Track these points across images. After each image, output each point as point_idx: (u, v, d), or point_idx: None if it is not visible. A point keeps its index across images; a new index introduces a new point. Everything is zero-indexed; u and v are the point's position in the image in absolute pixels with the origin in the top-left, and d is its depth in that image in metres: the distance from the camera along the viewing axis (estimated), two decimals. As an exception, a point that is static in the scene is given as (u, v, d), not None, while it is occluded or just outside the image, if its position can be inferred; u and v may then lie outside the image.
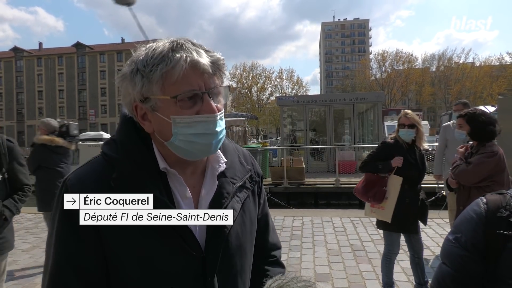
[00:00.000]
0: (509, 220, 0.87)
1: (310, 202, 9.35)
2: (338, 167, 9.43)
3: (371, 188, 3.08)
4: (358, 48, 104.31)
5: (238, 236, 0.83)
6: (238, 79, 53.35)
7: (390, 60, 56.09)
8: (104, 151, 0.78)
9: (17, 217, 6.74)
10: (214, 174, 0.83)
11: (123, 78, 0.75)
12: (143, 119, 0.77)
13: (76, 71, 58.70)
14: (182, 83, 0.71)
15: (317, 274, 3.73)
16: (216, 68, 0.75)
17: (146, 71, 0.71)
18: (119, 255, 0.72)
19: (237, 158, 0.91)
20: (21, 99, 60.52)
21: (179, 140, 0.74)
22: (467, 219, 0.95)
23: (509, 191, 0.94)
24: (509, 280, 0.84)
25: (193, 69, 0.72)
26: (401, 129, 3.07)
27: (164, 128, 0.75)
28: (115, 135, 0.81)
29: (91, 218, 0.72)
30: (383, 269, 3.18)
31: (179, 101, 0.72)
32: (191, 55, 0.71)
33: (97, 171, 0.76)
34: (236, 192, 0.84)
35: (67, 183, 0.74)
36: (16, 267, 4.20)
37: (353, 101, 12.08)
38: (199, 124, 0.73)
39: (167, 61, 0.70)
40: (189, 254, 0.75)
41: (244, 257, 0.86)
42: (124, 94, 0.77)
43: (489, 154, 2.70)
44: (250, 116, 20.28)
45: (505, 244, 0.85)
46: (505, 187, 2.62)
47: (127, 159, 0.75)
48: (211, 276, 0.77)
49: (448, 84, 53.01)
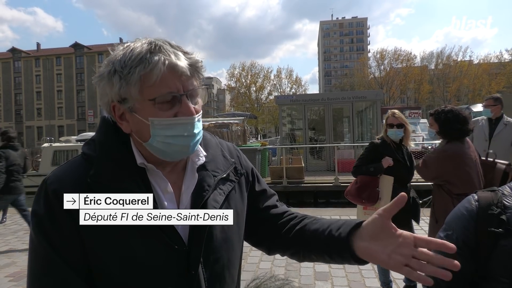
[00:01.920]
0: (500, 218, 0.86)
1: (309, 200, 9.36)
2: (337, 165, 9.43)
3: (365, 190, 3.05)
4: (357, 47, 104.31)
5: (223, 229, 0.83)
6: (236, 78, 53.34)
7: (389, 58, 56.16)
8: (83, 151, 0.80)
9: (16, 218, 6.75)
10: (194, 168, 0.83)
11: (101, 79, 0.75)
12: (121, 119, 0.78)
13: (75, 72, 58.60)
14: (160, 85, 0.72)
15: (317, 273, 3.73)
16: (194, 70, 0.76)
17: (124, 72, 0.71)
18: (99, 251, 0.72)
19: (219, 152, 0.91)
20: (19, 100, 60.40)
21: (157, 142, 0.75)
22: (458, 216, 0.94)
23: (501, 188, 0.94)
24: (501, 277, 0.84)
25: (171, 72, 0.72)
26: (390, 129, 3.07)
27: (142, 129, 0.75)
28: (95, 135, 0.82)
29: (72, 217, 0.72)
30: (379, 268, 3.19)
31: (157, 103, 0.72)
32: (169, 58, 0.71)
33: (75, 169, 0.76)
34: (219, 185, 0.85)
35: (47, 182, 0.74)
36: (16, 268, 4.19)
37: (352, 99, 12.08)
38: (177, 126, 0.74)
39: (145, 64, 0.70)
40: (171, 248, 0.74)
41: (231, 250, 0.85)
42: (101, 94, 0.77)
43: (436, 152, 2.70)
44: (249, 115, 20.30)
45: (496, 241, 0.85)
46: (466, 188, 2.49)
47: (104, 156, 0.76)
48: (194, 269, 0.76)
49: (446, 82, 53.06)
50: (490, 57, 53.55)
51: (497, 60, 51.68)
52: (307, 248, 0.87)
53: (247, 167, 0.98)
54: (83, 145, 0.81)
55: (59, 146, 15.59)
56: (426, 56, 57.46)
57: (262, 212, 0.96)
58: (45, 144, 15.94)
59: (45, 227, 0.72)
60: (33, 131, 59.21)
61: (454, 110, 2.75)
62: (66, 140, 17.39)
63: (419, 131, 17.79)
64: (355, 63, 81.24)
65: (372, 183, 3.05)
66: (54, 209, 0.72)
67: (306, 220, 0.91)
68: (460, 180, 2.59)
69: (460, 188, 2.55)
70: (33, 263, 0.73)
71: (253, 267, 3.85)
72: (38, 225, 0.72)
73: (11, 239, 5.44)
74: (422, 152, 11.46)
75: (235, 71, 53.70)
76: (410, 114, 23.28)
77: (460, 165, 2.61)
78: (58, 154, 15.09)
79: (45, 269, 0.71)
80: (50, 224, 0.71)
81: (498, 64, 50.38)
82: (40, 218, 0.72)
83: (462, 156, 2.63)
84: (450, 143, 2.71)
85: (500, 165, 2.71)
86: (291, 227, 0.91)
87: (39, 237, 0.72)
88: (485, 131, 4.48)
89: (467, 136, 2.75)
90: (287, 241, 0.91)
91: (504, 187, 0.94)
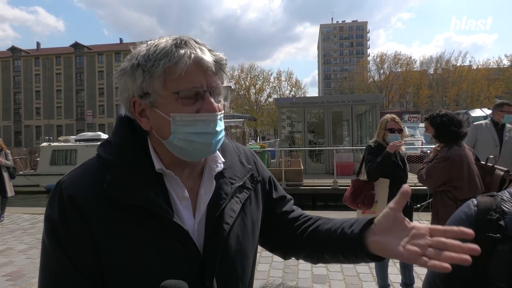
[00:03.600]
0: (498, 223, 0.87)
1: (308, 203, 9.35)
2: (336, 168, 9.44)
3: (359, 194, 3.05)
4: (356, 50, 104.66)
5: (239, 239, 0.81)
6: (236, 80, 53.36)
7: (389, 62, 56.36)
8: (99, 153, 0.77)
9: (13, 218, 6.74)
10: (212, 175, 0.81)
11: (123, 73, 0.74)
12: (141, 115, 0.75)
13: (74, 71, 58.56)
14: (185, 79, 0.70)
15: (315, 276, 3.73)
16: (219, 68, 0.74)
17: (148, 65, 0.70)
18: (113, 259, 0.70)
19: (237, 158, 0.89)
20: (19, 99, 60.29)
21: (178, 139, 0.72)
22: (458, 221, 0.95)
23: (500, 193, 0.94)
24: (499, 282, 0.84)
25: (196, 66, 0.71)
26: (391, 133, 3.08)
27: (162, 125, 0.73)
28: (111, 136, 0.79)
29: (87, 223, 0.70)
30: (377, 272, 3.19)
31: (180, 98, 0.71)
32: (195, 52, 0.70)
33: (91, 173, 0.74)
34: (235, 193, 0.82)
35: (61, 186, 0.72)
36: (13, 267, 4.17)
37: (352, 103, 12.10)
38: (199, 123, 0.72)
39: (171, 57, 0.69)
40: (186, 258, 0.73)
41: (245, 260, 0.83)
42: (122, 89, 0.76)
43: (440, 160, 2.67)
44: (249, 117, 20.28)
45: (494, 246, 0.86)
46: (471, 191, 2.54)
47: (121, 161, 0.73)
48: (209, 281, 0.74)
49: (445, 86, 53.25)
50: (489, 63, 53.86)
51: (496, 65, 51.91)
52: (320, 249, 0.85)
53: (264, 174, 0.95)
54: (98, 147, 0.78)
55: (58, 146, 15.57)
56: (426, 61, 57.74)
57: (280, 217, 0.94)
58: (43, 144, 15.92)
59: (58, 233, 0.70)
60: (32, 130, 59.05)
61: (448, 113, 2.79)
62: (65, 139, 17.35)
63: (418, 135, 17.84)
64: (355, 66, 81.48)
65: (366, 186, 3.05)
66: (68, 214, 0.70)
67: (319, 221, 0.89)
68: (467, 184, 2.62)
69: (466, 193, 2.56)
70: (45, 268, 0.72)
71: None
72: (51, 230, 0.70)
73: (8, 238, 5.42)
74: (421, 156, 11.49)
75: (234, 73, 53.78)
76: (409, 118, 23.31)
77: (465, 168, 2.64)
78: (56, 153, 15.07)
79: (57, 275, 0.69)
80: (64, 229, 0.69)
81: (497, 70, 50.60)
82: (53, 223, 0.70)
83: (465, 159, 2.66)
84: (450, 149, 2.72)
85: (498, 171, 2.72)
86: (304, 229, 0.89)
87: (51, 242, 0.70)
88: (494, 136, 4.33)
89: (462, 139, 2.77)
90: (301, 243, 0.89)
91: (503, 192, 0.94)
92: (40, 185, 14.56)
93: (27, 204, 11.71)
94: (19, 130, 59.58)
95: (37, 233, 5.68)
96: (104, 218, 0.70)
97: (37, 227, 6.07)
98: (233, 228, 0.80)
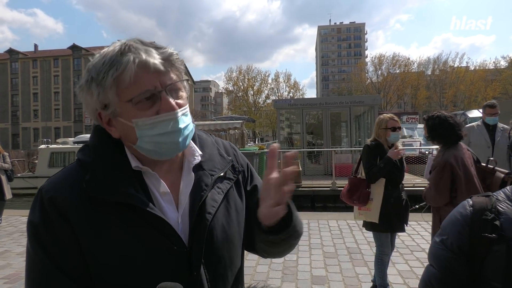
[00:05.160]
0: (493, 223, 0.87)
1: (306, 205, 9.34)
2: (334, 170, 9.45)
3: (355, 191, 3.13)
4: (354, 52, 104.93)
5: (224, 228, 0.82)
6: (234, 82, 53.37)
7: (387, 64, 56.50)
8: (78, 157, 0.79)
9: (11, 220, 6.71)
10: (190, 168, 0.83)
11: (81, 89, 0.75)
12: (109, 125, 0.77)
13: (72, 73, 58.38)
14: (135, 85, 0.71)
15: (314, 277, 3.73)
16: (169, 64, 0.75)
17: (99, 78, 0.71)
18: (99, 256, 0.70)
19: (216, 151, 0.90)
20: (16, 101, 60.09)
21: (145, 142, 0.74)
22: (453, 221, 0.95)
23: (495, 193, 0.95)
24: (494, 282, 0.85)
25: (143, 70, 0.71)
26: (393, 132, 3.12)
27: (128, 132, 0.75)
28: (89, 141, 0.81)
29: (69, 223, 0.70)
30: (376, 271, 3.20)
31: (136, 104, 0.72)
32: (139, 56, 0.70)
33: (71, 176, 0.75)
34: (216, 183, 0.84)
35: (42, 190, 0.74)
36: (11, 270, 4.16)
37: (350, 104, 12.12)
38: (160, 123, 0.73)
39: (117, 65, 0.70)
40: (172, 250, 0.73)
41: (232, 249, 0.84)
42: (85, 104, 0.77)
43: (439, 169, 2.64)
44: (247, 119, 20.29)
45: (490, 247, 0.86)
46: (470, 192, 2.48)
47: (100, 161, 0.75)
48: (196, 271, 0.75)
49: (443, 87, 53.43)
50: (486, 64, 54.08)
51: (493, 66, 52.11)
52: (255, 240, 0.86)
53: (243, 164, 0.96)
54: (77, 151, 0.80)
55: (56, 148, 15.52)
56: (423, 62, 57.94)
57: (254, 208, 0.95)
58: (42, 146, 15.87)
59: (41, 236, 0.70)
60: (29, 132, 58.86)
61: (441, 116, 2.76)
62: (63, 142, 17.31)
63: (416, 136, 17.89)
64: (353, 68, 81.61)
65: (362, 184, 3.12)
66: (50, 217, 0.70)
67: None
68: (465, 185, 2.58)
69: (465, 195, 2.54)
70: (30, 273, 0.72)
71: (250, 271, 3.85)
72: (34, 234, 0.71)
73: (6, 241, 5.40)
74: (419, 157, 11.53)
75: (232, 74, 53.80)
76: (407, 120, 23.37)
77: (461, 169, 2.61)
78: (55, 156, 15.01)
79: (42, 279, 0.70)
80: (46, 232, 0.70)
81: (494, 71, 50.79)
82: (36, 227, 0.71)
83: (461, 161, 2.62)
84: (445, 152, 2.69)
85: (499, 173, 2.71)
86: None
87: (34, 246, 0.71)
88: (486, 138, 4.42)
89: (458, 141, 2.74)
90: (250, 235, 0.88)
91: (498, 193, 0.95)
92: (38, 187, 14.45)
93: (25, 206, 11.67)
94: (17, 132, 59.35)
95: (35, 235, 5.66)
96: (86, 218, 0.71)
97: (35, 229, 6.06)
98: (216, 218, 0.81)
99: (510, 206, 0.89)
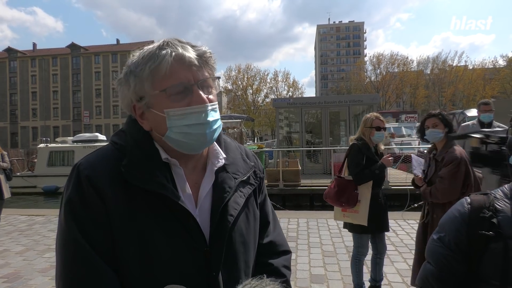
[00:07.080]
0: (491, 221, 0.88)
1: (305, 204, 9.36)
2: (333, 169, 9.45)
3: (343, 194, 3.01)
4: (353, 51, 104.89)
5: (242, 232, 0.84)
6: (233, 81, 53.31)
7: (385, 63, 56.51)
8: (113, 140, 0.82)
9: (10, 219, 6.70)
10: (213, 170, 0.85)
11: (120, 83, 0.80)
12: (142, 118, 0.81)
13: (71, 72, 58.28)
14: (170, 77, 0.75)
15: (312, 276, 3.74)
16: (203, 61, 0.79)
17: (137, 70, 0.76)
18: (124, 242, 0.72)
19: (239, 155, 0.93)
20: (15, 100, 59.92)
21: (174, 133, 0.77)
22: (451, 219, 0.96)
23: (493, 191, 0.95)
24: (491, 280, 0.85)
25: (179, 63, 0.75)
26: (377, 131, 3.07)
27: (159, 123, 0.78)
28: (124, 127, 0.85)
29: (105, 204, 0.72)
30: (353, 270, 3.19)
31: (170, 95, 0.75)
32: (176, 50, 0.75)
33: (107, 157, 0.78)
34: (239, 187, 0.86)
35: (79, 167, 0.75)
36: (10, 269, 4.15)
37: (349, 103, 12.14)
38: (190, 115, 0.76)
39: (154, 58, 0.75)
40: (192, 247, 0.75)
41: (248, 254, 0.86)
42: (122, 97, 0.81)
43: (455, 164, 2.54)
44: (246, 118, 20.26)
45: (487, 244, 0.87)
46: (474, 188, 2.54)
47: (136, 148, 0.78)
48: (216, 271, 0.77)
49: (442, 86, 53.46)
50: (485, 63, 54.12)
51: (492, 65, 52.16)
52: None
53: (262, 171, 1.00)
54: (112, 136, 0.84)
55: (55, 147, 15.49)
56: (422, 61, 57.94)
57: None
58: (41, 145, 15.83)
59: (77, 212, 0.72)
60: (28, 131, 58.72)
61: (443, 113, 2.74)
62: (62, 140, 17.27)
63: (415, 135, 17.88)
64: (352, 67, 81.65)
65: (350, 186, 3.02)
66: (86, 194, 0.72)
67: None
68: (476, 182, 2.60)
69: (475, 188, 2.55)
70: (62, 249, 0.73)
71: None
72: (70, 210, 0.72)
73: (5, 240, 5.39)
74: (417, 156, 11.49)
75: (231, 73, 53.73)
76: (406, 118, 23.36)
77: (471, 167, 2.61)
78: (54, 154, 14.99)
79: (75, 255, 0.71)
80: (83, 209, 0.72)
81: (492, 70, 50.85)
82: (72, 204, 0.72)
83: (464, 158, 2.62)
84: (456, 147, 2.66)
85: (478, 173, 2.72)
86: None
87: (68, 221, 0.72)
88: None
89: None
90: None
91: (496, 191, 0.95)
92: (37, 186, 14.50)
93: (24, 205, 11.66)
94: (16, 131, 59.20)
95: (34, 234, 5.65)
96: (119, 200, 0.73)
97: (34, 228, 6.04)
98: (237, 221, 0.83)
99: (508, 204, 0.90)
